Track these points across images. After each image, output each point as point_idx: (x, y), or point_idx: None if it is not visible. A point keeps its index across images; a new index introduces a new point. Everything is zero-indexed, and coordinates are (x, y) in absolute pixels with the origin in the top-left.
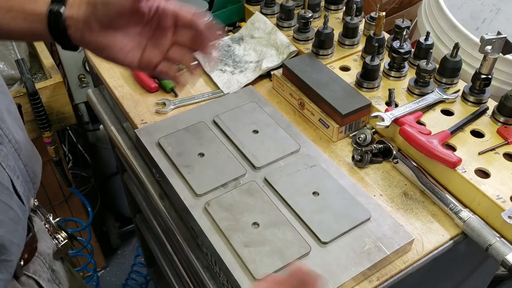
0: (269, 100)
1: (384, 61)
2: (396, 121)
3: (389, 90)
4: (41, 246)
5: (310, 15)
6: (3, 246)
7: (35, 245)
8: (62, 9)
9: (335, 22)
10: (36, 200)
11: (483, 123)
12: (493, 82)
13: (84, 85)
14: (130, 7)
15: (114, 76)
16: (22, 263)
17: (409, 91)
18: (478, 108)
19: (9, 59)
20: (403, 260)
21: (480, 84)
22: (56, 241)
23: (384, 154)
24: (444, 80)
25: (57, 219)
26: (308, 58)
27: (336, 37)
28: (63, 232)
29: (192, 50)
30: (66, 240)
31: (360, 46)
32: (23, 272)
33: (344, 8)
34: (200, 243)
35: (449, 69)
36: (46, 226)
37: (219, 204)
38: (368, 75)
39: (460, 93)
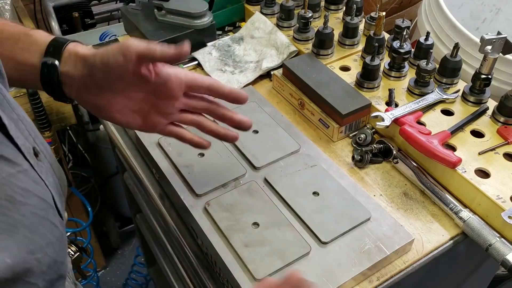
0: (269, 100)
1: (384, 61)
2: (396, 121)
3: (389, 90)
4: None
5: (310, 15)
6: (49, 266)
7: None
8: (56, 63)
9: (335, 22)
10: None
11: (483, 123)
12: (493, 82)
13: None
14: (131, 72)
15: None
16: None
17: (409, 91)
18: (478, 108)
19: None
20: (403, 260)
21: (480, 84)
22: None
23: (384, 154)
24: (444, 80)
25: (68, 233)
26: (308, 58)
27: (336, 37)
28: (73, 245)
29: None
30: (78, 253)
31: (360, 46)
32: None
33: (344, 8)
34: (200, 243)
35: (449, 69)
36: None
37: (219, 204)
38: (368, 75)
39: (460, 93)
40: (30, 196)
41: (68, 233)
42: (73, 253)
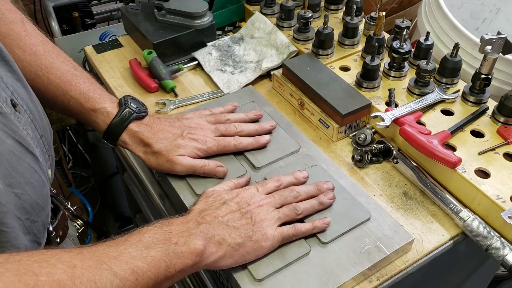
0: (269, 100)
1: (384, 61)
2: (396, 121)
3: (389, 90)
4: (69, 228)
5: (310, 15)
6: (31, 205)
7: (67, 223)
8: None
9: (335, 22)
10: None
11: (483, 123)
12: (493, 82)
13: None
14: None
15: (114, 76)
16: (58, 240)
17: (409, 91)
18: (478, 108)
19: None
20: (403, 260)
21: (480, 84)
22: (75, 228)
23: (384, 154)
24: (444, 80)
25: (74, 207)
26: (308, 58)
27: (336, 37)
28: (79, 220)
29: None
30: (83, 227)
31: (360, 46)
32: None
33: (344, 8)
34: None
35: (449, 69)
36: (66, 213)
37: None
38: (368, 75)
39: (460, 93)
40: (7, 136)
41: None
42: (78, 227)
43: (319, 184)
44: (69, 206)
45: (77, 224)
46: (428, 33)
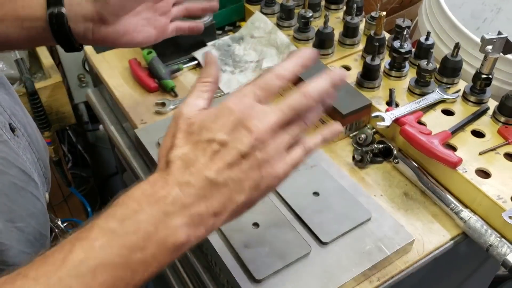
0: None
1: (384, 61)
2: (396, 121)
3: (390, 90)
4: None
5: (310, 14)
6: (35, 237)
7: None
8: (63, 10)
9: (336, 21)
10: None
11: (484, 123)
12: (493, 82)
13: (83, 85)
14: None
15: (114, 76)
16: None
17: (410, 91)
18: (478, 108)
19: (9, 58)
20: (404, 261)
21: (480, 84)
22: None
23: (384, 154)
24: (444, 80)
25: (65, 224)
26: None
27: (336, 36)
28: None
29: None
30: None
31: (361, 46)
32: None
33: (345, 7)
34: (200, 244)
35: (449, 69)
36: (56, 230)
37: None
38: (368, 75)
39: (460, 93)
40: (10, 166)
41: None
42: None
43: (330, 74)
44: (59, 223)
45: None
46: (428, 33)
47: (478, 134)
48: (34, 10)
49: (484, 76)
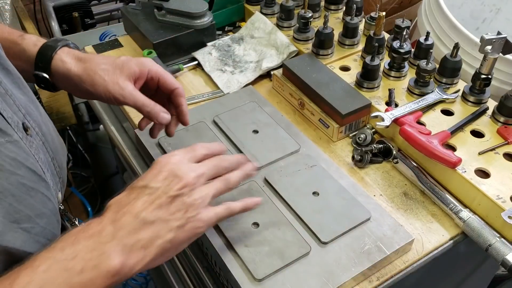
0: (269, 100)
1: (384, 61)
2: (396, 121)
3: (389, 90)
4: None
5: (310, 15)
6: (46, 237)
7: None
8: (47, 76)
9: (335, 22)
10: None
11: (483, 123)
12: (493, 82)
13: None
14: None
15: None
16: None
17: (409, 91)
18: (478, 108)
19: None
20: (403, 260)
21: (480, 84)
22: None
23: (384, 154)
24: (444, 80)
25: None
26: (308, 58)
27: (336, 37)
28: None
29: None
30: None
31: (360, 46)
32: None
33: (344, 8)
34: (200, 243)
35: (449, 69)
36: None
37: (219, 204)
38: (368, 75)
39: (460, 93)
40: (19, 166)
41: None
42: None
43: (238, 156)
44: (76, 223)
45: None
46: (428, 33)
47: (477, 134)
48: (24, 64)
49: (483, 76)
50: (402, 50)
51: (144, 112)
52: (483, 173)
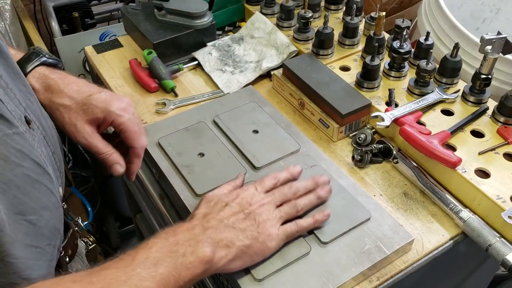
0: (269, 100)
1: (384, 61)
2: (396, 121)
3: (389, 90)
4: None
5: (310, 15)
6: (50, 230)
7: (76, 241)
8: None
9: (335, 22)
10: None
11: (483, 123)
12: (493, 82)
13: None
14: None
15: (114, 76)
16: (67, 259)
17: (409, 91)
18: (478, 108)
19: None
20: (403, 260)
21: (480, 84)
22: (85, 244)
23: (384, 154)
24: (444, 80)
25: (85, 223)
26: (308, 58)
27: (336, 37)
28: (91, 236)
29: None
30: (94, 244)
31: (360, 46)
32: (68, 270)
33: (344, 8)
34: None
35: (449, 69)
36: (76, 228)
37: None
38: (368, 75)
39: (460, 93)
40: (25, 158)
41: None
42: (90, 243)
43: (315, 177)
44: (79, 222)
45: (89, 240)
46: (428, 33)
47: (477, 134)
48: None
49: (483, 76)
50: (402, 50)
51: (99, 158)
52: (483, 173)
